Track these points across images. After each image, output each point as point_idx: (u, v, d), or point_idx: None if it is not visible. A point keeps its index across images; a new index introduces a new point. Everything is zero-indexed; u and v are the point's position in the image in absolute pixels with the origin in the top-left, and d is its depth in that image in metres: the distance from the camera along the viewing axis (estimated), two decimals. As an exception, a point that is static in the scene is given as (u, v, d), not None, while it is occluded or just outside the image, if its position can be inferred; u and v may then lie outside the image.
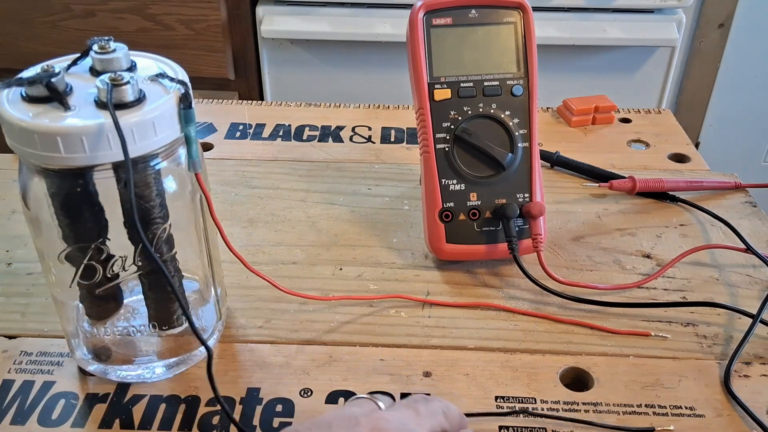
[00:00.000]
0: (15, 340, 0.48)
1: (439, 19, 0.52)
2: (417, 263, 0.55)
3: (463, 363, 0.47)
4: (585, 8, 1.23)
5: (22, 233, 0.57)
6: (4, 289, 0.52)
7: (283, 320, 0.50)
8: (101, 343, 0.45)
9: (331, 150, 0.70)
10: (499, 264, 0.55)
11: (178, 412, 0.43)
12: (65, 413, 0.43)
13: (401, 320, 0.50)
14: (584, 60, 1.25)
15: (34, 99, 0.36)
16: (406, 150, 0.70)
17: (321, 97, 1.18)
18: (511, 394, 0.44)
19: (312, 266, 0.55)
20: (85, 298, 0.42)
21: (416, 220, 0.60)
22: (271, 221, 0.60)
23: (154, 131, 0.36)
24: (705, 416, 0.43)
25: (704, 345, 0.48)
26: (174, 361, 0.45)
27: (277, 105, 0.78)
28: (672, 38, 1.23)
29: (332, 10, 1.26)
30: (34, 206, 0.39)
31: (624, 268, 0.55)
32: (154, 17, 1.25)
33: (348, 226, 0.59)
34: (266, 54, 1.30)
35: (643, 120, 0.77)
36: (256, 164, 0.67)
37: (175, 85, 0.37)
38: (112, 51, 0.38)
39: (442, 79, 0.52)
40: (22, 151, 0.36)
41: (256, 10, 1.27)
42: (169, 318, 0.44)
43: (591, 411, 0.43)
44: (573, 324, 0.50)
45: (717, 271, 0.55)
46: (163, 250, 0.41)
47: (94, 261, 0.40)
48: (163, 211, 0.40)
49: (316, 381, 0.45)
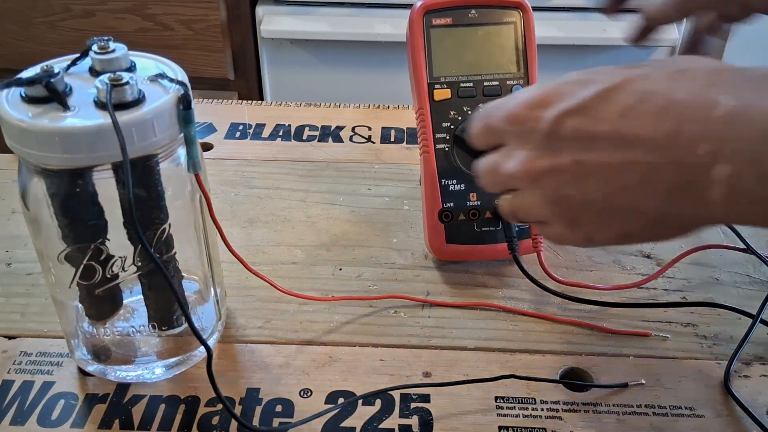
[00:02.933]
0: (15, 341, 0.48)
1: (438, 19, 0.52)
2: (417, 263, 0.55)
3: (463, 363, 0.47)
4: (585, 8, 1.23)
5: (21, 233, 0.57)
6: (4, 289, 0.52)
7: (282, 320, 0.50)
8: (101, 343, 0.45)
9: (331, 150, 0.70)
10: (499, 264, 0.55)
11: (177, 413, 0.43)
12: (65, 413, 0.43)
13: (401, 320, 0.50)
14: (584, 60, 1.25)
15: (34, 99, 0.36)
16: (406, 150, 0.70)
17: (321, 97, 1.18)
18: (511, 394, 0.44)
19: (312, 266, 0.55)
20: (85, 298, 0.42)
21: (416, 220, 0.60)
22: (270, 221, 0.60)
23: (153, 131, 0.36)
24: (705, 416, 0.43)
25: (704, 345, 0.48)
26: (174, 361, 0.45)
27: (277, 105, 0.78)
28: (672, 38, 1.23)
29: (332, 10, 1.26)
30: (33, 206, 0.39)
31: (624, 268, 0.55)
32: (153, 17, 1.25)
33: (348, 226, 0.59)
34: (266, 54, 1.30)
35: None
36: (256, 164, 0.67)
37: (175, 86, 0.37)
38: (112, 51, 0.38)
39: (442, 79, 0.52)
40: (21, 152, 0.36)
41: (256, 10, 1.27)
42: (168, 318, 0.44)
43: (591, 411, 0.43)
44: (573, 324, 0.50)
45: (717, 271, 0.55)
46: (163, 250, 0.41)
47: (93, 261, 0.40)
48: (162, 212, 0.40)
49: (315, 381, 0.45)
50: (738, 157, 0.28)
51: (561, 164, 0.33)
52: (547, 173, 0.34)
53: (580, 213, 0.34)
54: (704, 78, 0.31)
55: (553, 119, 0.33)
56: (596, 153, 0.32)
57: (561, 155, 0.33)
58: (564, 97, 0.34)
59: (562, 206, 0.35)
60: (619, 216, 0.33)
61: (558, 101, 0.34)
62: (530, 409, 0.43)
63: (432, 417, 0.43)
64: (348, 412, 0.43)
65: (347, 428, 0.42)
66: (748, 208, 0.29)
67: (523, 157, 0.35)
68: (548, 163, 0.34)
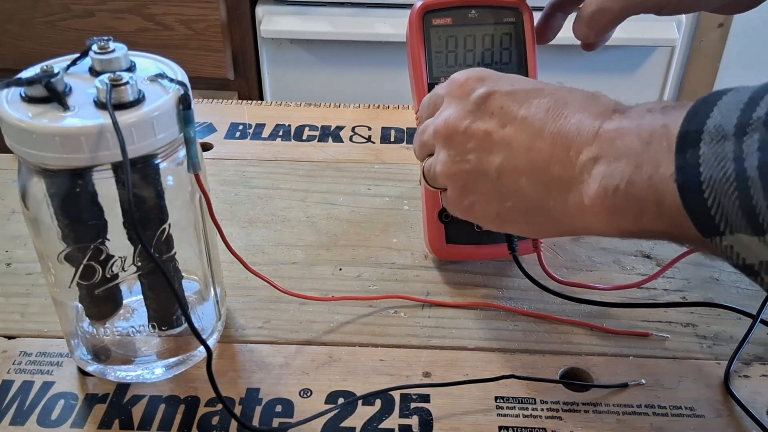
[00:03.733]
0: (14, 341, 0.48)
1: (438, 19, 0.52)
2: (417, 263, 0.55)
3: (463, 363, 0.47)
4: (585, 8, 1.23)
5: (21, 233, 0.57)
6: (4, 289, 0.52)
7: (282, 320, 0.50)
8: (101, 343, 0.45)
9: (331, 150, 0.70)
10: (499, 264, 0.55)
11: (177, 413, 0.43)
12: (65, 413, 0.43)
13: (401, 320, 0.50)
14: (584, 60, 1.25)
15: (34, 99, 0.36)
16: (406, 150, 0.70)
17: (321, 97, 1.18)
18: (511, 394, 0.44)
19: (312, 266, 0.55)
20: (85, 298, 0.42)
21: (416, 220, 0.60)
22: (270, 221, 0.60)
23: (153, 131, 0.36)
24: (705, 416, 0.43)
25: (704, 345, 0.48)
26: (173, 361, 0.45)
27: (277, 105, 0.78)
28: (672, 38, 1.23)
29: (332, 10, 1.26)
30: (33, 206, 0.39)
31: (624, 268, 0.55)
32: (153, 17, 1.25)
33: (348, 226, 0.59)
34: (266, 54, 1.30)
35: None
36: (255, 164, 0.67)
37: (175, 86, 0.37)
38: (112, 51, 0.38)
39: (442, 79, 0.52)
40: (21, 152, 0.36)
41: (256, 10, 1.27)
42: (168, 318, 0.44)
43: (591, 411, 0.43)
44: (573, 324, 0.50)
45: (717, 271, 0.55)
46: (163, 250, 0.41)
47: (93, 261, 0.40)
48: (162, 212, 0.40)
49: (315, 381, 0.45)
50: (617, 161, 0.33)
51: (474, 130, 0.39)
52: (460, 134, 0.39)
53: (472, 181, 0.39)
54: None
55: (487, 91, 0.39)
56: (506, 131, 0.38)
57: (477, 122, 0.39)
58: (501, 81, 0.40)
59: (460, 170, 0.40)
60: (502, 196, 0.38)
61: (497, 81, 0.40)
62: (530, 409, 0.43)
63: (432, 417, 0.43)
64: (348, 413, 0.43)
65: (347, 428, 0.42)
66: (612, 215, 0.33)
67: (448, 114, 0.40)
68: (465, 124, 0.39)
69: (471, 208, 0.41)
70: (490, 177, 0.38)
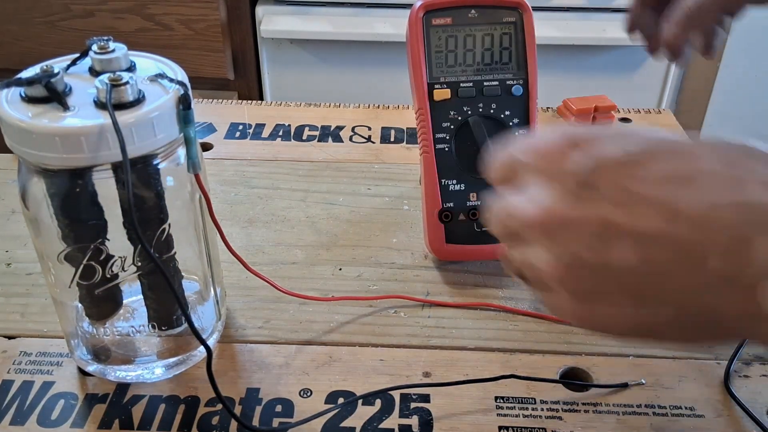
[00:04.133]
0: (14, 341, 0.48)
1: (438, 19, 0.52)
2: (417, 263, 0.55)
3: (462, 363, 0.47)
4: (585, 8, 1.23)
5: (21, 233, 0.57)
6: (4, 289, 0.52)
7: (282, 320, 0.50)
8: (101, 343, 0.45)
9: (331, 150, 0.70)
10: (499, 264, 0.55)
11: (177, 413, 0.43)
12: (65, 413, 0.43)
13: (401, 320, 0.50)
14: (584, 60, 1.25)
15: (34, 99, 0.36)
16: (406, 150, 0.70)
17: (321, 97, 1.18)
18: (511, 394, 0.44)
19: (312, 266, 0.55)
20: (85, 298, 0.42)
21: (416, 220, 0.60)
22: (270, 221, 0.60)
23: (153, 131, 0.36)
24: (705, 416, 0.43)
25: (704, 345, 0.48)
26: (173, 361, 0.45)
27: (277, 105, 0.78)
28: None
29: (332, 10, 1.26)
30: (33, 206, 0.39)
31: (624, 268, 0.55)
32: (153, 17, 1.25)
33: (348, 226, 0.59)
34: (266, 54, 1.30)
35: (643, 120, 0.77)
36: (255, 164, 0.67)
37: (175, 86, 0.37)
38: (112, 51, 0.38)
39: (442, 79, 0.52)
40: (21, 152, 0.36)
41: (256, 10, 1.27)
42: (168, 318, 0.44)
43: (591, 411, 0.43)
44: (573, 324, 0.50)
45: (717, 271, 0.55)
46: (163, 250, 0.41)
47: (93, 261, 0.40)
48: (162, 212, 0.40)
49: (315, 381, 0.45)
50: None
51: (586, 218, 0.28)
52: (567, 226, 0.28)
53: (593, 284, 0.28)
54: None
55: (591, 165, 0.28)
56: (630, 216, 0.27)
57: (588, 208, 0.28)
58: (604, 144, 0.29)
59: (574, 270, 0.29)
60: (641, 299, 0.28)
61: (597, 146, 0.29)
62: (530, 409, 0.43)
63: (432, 417, 0.43)
64: (348, 412, 0.43)
65: (347, 428, 0.42)
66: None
67: (544, 200, 0.29)
68: (571, 213, 0.28)
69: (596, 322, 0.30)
70: (619, 278, 0.28)
